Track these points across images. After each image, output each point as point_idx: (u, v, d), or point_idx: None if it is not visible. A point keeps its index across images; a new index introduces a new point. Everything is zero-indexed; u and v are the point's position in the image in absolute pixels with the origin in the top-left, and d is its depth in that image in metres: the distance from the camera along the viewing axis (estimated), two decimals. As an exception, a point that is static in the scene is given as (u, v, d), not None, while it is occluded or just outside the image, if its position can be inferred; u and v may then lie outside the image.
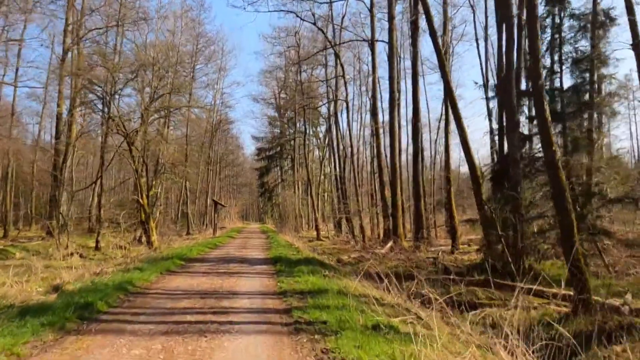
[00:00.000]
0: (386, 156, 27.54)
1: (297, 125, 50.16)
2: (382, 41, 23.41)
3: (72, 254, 20.60)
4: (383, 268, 17.30)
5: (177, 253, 15.76)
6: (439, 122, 34.23)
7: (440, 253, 16.08)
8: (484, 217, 16.72)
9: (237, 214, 65.10)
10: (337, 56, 27.01)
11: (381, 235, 28.93)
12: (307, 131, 37.48)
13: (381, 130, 27.91)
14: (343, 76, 26.99)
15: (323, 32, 25.02)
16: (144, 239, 30.77)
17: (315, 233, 45.20)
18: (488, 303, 10.33)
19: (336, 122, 32.24)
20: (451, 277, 10.77)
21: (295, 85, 35.36)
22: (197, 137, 48.56)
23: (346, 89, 27.60)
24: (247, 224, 59.65)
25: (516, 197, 11.61)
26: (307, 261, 14.16)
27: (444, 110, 31.70)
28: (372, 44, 23.93)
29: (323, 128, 53.59)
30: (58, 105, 31.67)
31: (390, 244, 26.26)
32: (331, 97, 33.60)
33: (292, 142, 51.44)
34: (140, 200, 22.97)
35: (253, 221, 76.06)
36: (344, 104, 29.85)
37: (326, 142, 52.48)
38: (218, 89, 46.11)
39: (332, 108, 34.95)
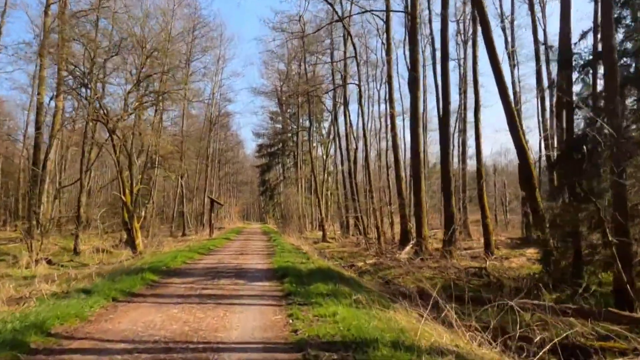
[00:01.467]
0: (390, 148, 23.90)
1: (300, 120, 46.58)
2: (401, 12, 19.84)
3: (37, 260, 17.01)
4: (414, 279, 13.73)
5: (157, 262, 12.16)
6: (459, 112, 30.68)
7: (487, 262, 12.53)
8: (538, 213, 13.15)
9: (238, 214, 61.47)
10: (347, 34, 23.28)
11: (396, 237, 25.32)
12: (312, 123, 33.81)
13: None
14: (355, 56, 23.25)
15: (331, 4, 21.43)
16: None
17: (320, 234, 41.53)
18: (604, 345, 6.75)
19: (345, 110, 28.50)
20: (547, 304, 7.16)
21: (299, 75, 31.69)
22: (195, 132, 45.01)
23: (358, 70, 23.93)
24: (247, 224, 56.00)
25: (622, 183, 7.96)
26: (323, 274, 10.55)
27: (468, 96, 28.21)
28: (387, 16, 20.34)
29: (326, 124, 50.06)
30: (38, 93, 28.06)
31: (409, 247, 22.67)
32: (337, 82, 29.73)
33: (295, 138, 47.86)
34: (123, 197, 19.36)
35: (254, 221, 72.43)
36: (355, 90, 26.30)
37: (330, 137, 48.84)
38: (216, 81, 42.51)
39: (339, 97, 31.27)
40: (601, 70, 12.73)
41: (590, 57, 11.11)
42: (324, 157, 47.30)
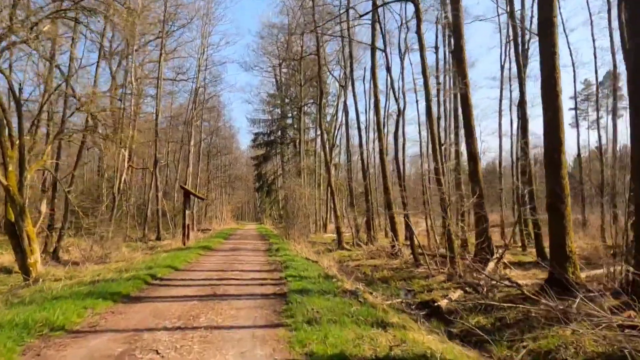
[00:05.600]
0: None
1: (303, 106, 37.27)
2: None
3: None
4: None
5: None
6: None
7: None
8: None
9: (230, 213, 51.80)
10: None
11: (452, 245, 16.00)
12: (322, 94, 24.34)
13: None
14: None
15: None
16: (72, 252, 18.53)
17: (328, 236, 32.12)
18: None
19: (376, 56, 18.39)
20: None
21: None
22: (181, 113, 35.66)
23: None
24: (241, 225, 46.38)
25: None
26: None
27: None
28: None
29: (331, 110, 40.72)
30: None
31: (492, 263, 13.54)
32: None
33: (297, 125, 38.54)
34: (3, 180, 9.88)
35: (249, 221, 62.75)
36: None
37: (338, 120, 39.58)
38: (202, 57, 32.76)
39: (351, 36, 21.42)
40: None
41: None
42: (326, 147, 37.86)
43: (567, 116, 61.36)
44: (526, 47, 21.20)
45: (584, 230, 22.81)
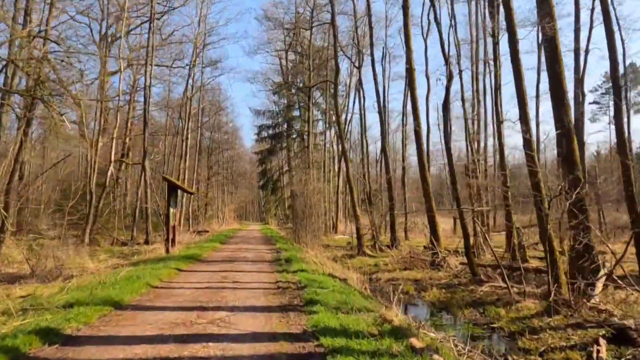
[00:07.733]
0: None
1: (312, 98, 32.91)
2: None
3: None
4: None
5: None
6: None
7: None
8: None
9: (233, 213, 47.51)
10: None
11: (554, 256, 11.37)
12: (339, 69, 19.98)
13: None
14: None
15: None
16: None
17: (340, 238, 27.88)
18: None
19: None
20: None
21: None
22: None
23: None
24: (244, 226, 42.09)
25: None
26: None
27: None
28: None
29: (340, 99, 36.31)
30: None
31: (598, 280, 9.27)
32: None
33: (305, 115, 34.20)
34: None
35: (252, 221, 58.46)
36: None
37: (347, 116, 35.24)
38: (199, 35, 28.45)
39: None
40: None
41: None
42: (342, 130, 33.52)
43: (586, 111, 56.65)
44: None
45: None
